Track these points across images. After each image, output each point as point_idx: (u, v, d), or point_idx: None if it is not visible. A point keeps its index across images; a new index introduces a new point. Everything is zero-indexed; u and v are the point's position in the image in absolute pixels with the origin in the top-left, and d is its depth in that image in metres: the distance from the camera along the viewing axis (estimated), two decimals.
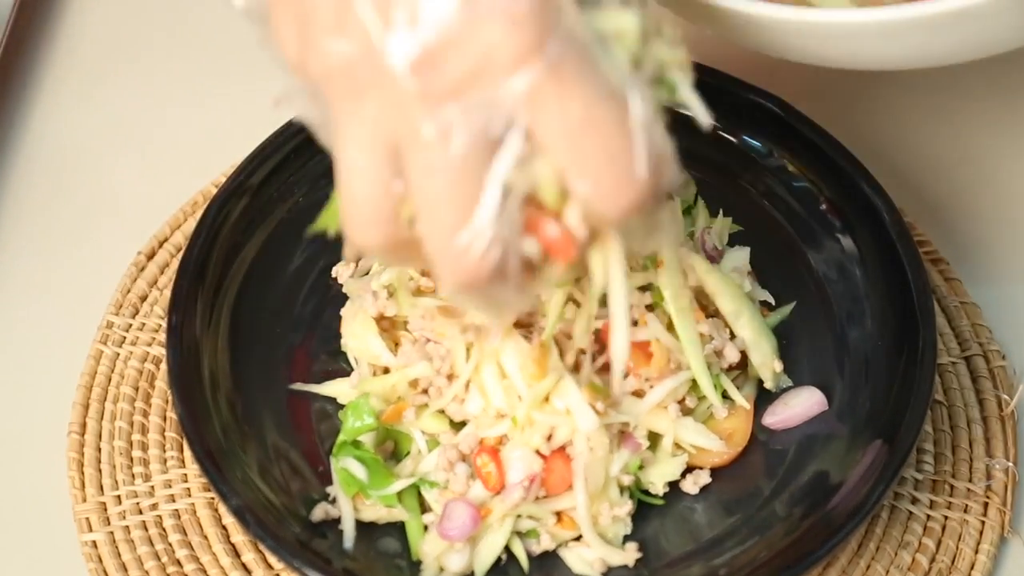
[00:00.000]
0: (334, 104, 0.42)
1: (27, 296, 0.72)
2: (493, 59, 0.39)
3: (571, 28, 0.40)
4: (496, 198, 0.40)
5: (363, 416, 0.60)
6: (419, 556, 0.58)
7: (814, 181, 0.68)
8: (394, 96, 0.40)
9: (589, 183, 0.41)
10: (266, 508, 0.57)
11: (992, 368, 0.69)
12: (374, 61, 0.40)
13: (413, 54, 0.39)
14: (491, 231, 0.41)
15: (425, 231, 0.42)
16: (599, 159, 0.40)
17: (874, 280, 0.65)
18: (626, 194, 0.41)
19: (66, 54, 0.84)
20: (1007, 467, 0.65)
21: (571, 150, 0.40)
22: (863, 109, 0.81)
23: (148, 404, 0.67)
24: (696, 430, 0.61)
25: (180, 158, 0.78)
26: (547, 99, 0.40)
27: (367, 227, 0.43)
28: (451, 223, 0.41)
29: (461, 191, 0.40)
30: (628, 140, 0.41)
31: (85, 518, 0.63)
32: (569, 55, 0.40)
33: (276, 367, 0.64)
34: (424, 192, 0.41)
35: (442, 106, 0.40)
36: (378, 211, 0.43)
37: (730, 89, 0.69)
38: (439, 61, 0.39)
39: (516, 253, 0.42)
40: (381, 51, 0.40)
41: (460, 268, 0.42)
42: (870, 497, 0.56)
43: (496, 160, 0.40)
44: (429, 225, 0.42)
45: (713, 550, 0.59)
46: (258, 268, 0.66)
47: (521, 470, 0.58)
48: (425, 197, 0.41)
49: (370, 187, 0.42)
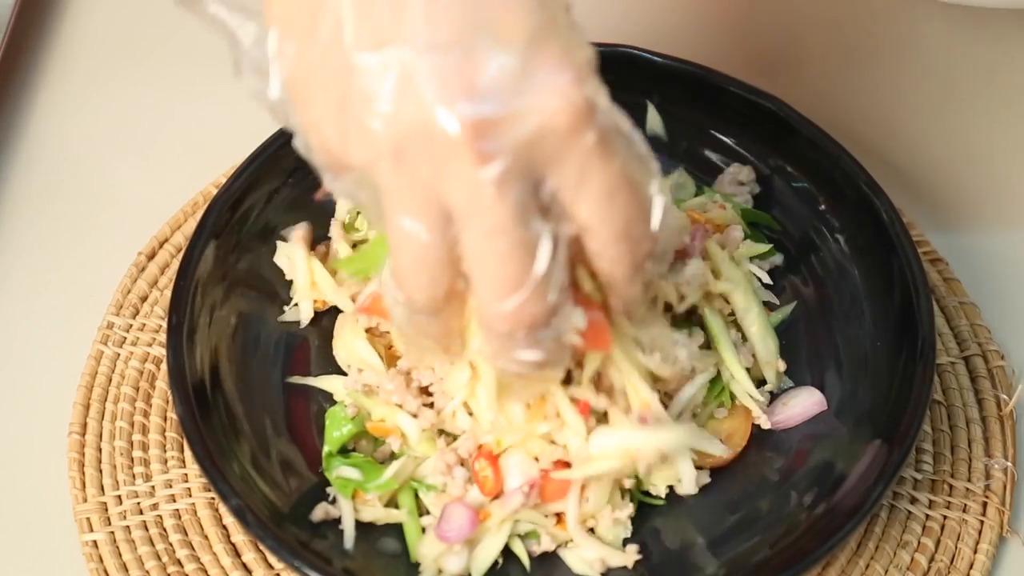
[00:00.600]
0: (383, 179, 0.43)
1: (27, 296, 0.72)
2: (552, 126, 0.42)
3: (608, 107, 0.43)
4: (548, 255, 0.43)
5: (341, 425, 0.61)
6: (417, 558, 0.58)
7: (814, 181, 0.68)
8: (451, 162, 0.42)
9: (608, 245, 0.45)
10: (266, 508, 0.57)
11: (991, 368, 0.69)
12: (428, 131, 0.41)
13: (472, 122, 0.41)
14: (545, 287, 0.43)
15: (480, 288, 0.44)
16: (623, 222, 0.44)
17: (873, 280, 0.65)
18: (637, 255, 0.45)
19: (66, 54, 0.84)
20: (1006, 467, 0.65)
21: (601, 215, 0.44)
22: (863, 110, 0.81)
23: (148, 404, 0.67)
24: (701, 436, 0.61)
25: (180, 158, 0.78)
26: (590, 167, 0.43)
27: (419, 288, 0.45)
28: (509, 280, 0.43)
29: (517, 250, 0.43)
30: (646, 205, 0.45)
31: (86, 518, 0.63)
32: (609, 125, 0.43)
33: (276, 367, 0.64)
34: (481, 252, 0.43)
35: (500, 169, 0.41)
36: (430, 272, 0.45)
37: (730, 89, 0.70)
38: (498, 127, 0.41)
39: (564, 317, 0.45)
40: (437, 121, 0.41)
41: (512, 322, 0.44)
42: (869, 497, 0.56)
43: (546, 221, 0.43)
44: (485, 282, 0.44)
45: (712, 550, 0.59)
46: (258, 269, 0.66)
47: (519, 476, 0.58)
48: (482, 256, 0.43)
49: (424, 250, 0.44)
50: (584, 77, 0.42)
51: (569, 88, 0.42)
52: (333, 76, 0.43)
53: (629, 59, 0.70)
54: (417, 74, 0.41)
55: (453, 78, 0.41)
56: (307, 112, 0.45)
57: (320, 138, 0.45)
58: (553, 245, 0.43)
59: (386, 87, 0.42)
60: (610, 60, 0.70)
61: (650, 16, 0.85)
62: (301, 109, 0.45)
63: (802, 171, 0.69)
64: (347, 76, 0.42)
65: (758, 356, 0.63)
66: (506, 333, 0.45)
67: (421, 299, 0.46)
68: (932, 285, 0.71)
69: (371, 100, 0.42)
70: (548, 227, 0.43)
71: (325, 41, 0.43)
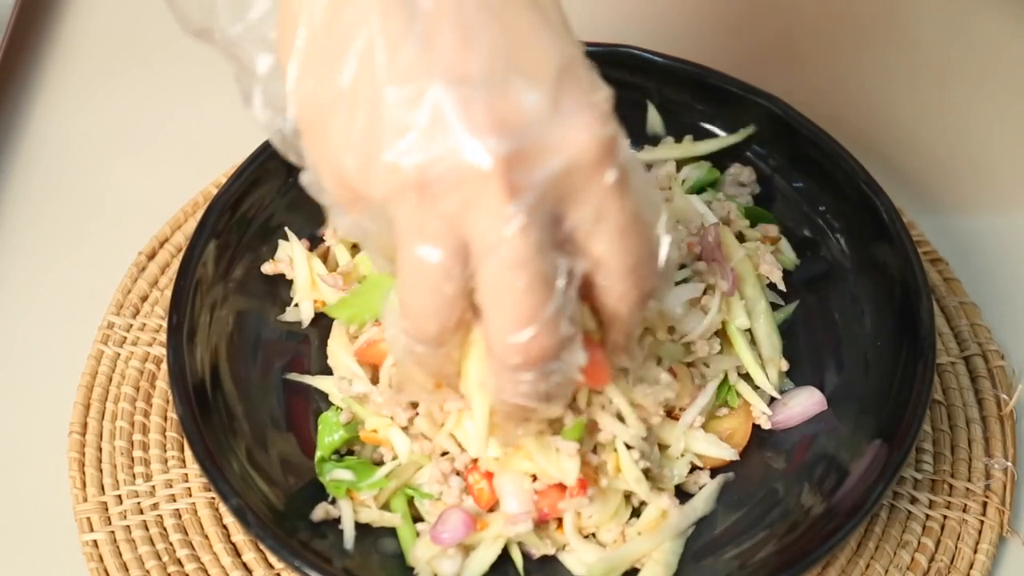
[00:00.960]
0: (404, 211, 0.43)
1: (28, 296, 0.72)
2: (580, 161, 0.42)
3: (627, 146, 0.45)
4: (564, 290, 0.44)
5: (333, 431, 0.61)
6: (411, 562, 0.58)
7: (814, 181, 0.68)
8: (480, 195, 0.42)
9: (619, 280, 0.46)
10: (266, 508, 0.57)
11: (991, 368, 0.69)
12: (458, 164, 0.42)
13: (504, 156, 0.41)
14: (558, 320, 0.44)
15: (494, 319, 0.44)
16: (633, 260, 0.45)
17: (873, 280, 0.65)
18: (643, 290, 0.47)
19: (67, 54, 0.84)
20: (1006, 467, 0.65)
21: (614, 252, 0.45)
22: (863, 109, 0.82)
23: (149, 404, 0.67)
24: (708, 440, 0.61)
25: (181, 158, 0.78)
26: (610, 204, 0.44)
27: (429, 317, 0.46)
28: (525, 313, 0.43)
29: (536, 284, 0.43)
30: (655, 244, 0.47)
31: (86, 518, 0.63)
32: (628, 163, 0.44)
33: (276, 367, 0.64)
34: (500, 284, 0.43)
35: (529, 204, 0.42)
36: (443, 302, 0.45)
37: (730, 89, 0.70)
38: (528, 161, 0.42)
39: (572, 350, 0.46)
40: (468, 155, 0.42)
41: (524, 354, 0.44)
42: (869, 496, 0.56)
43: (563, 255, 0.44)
44: (501, 314, 0.44)
45: (712, 550, 0.59)
46: (259, 269, 0.66)
47: (514, 500, 0.57)
48: (500, 289, 0.43)
49: (440, 280, 0.44)
50: (605, 116, 0.43)
51: (596, 124, 0.42)
52: (360, 108, 0.43)
53: (629, 59, 0.70)
54: (448, 108, 0.42)
55: (484, 112, 0.41)
56: (323, 144, 0.45)
57: (336, 170, 0.45)
58: (567, 280, 0.44)
59: (416, 120, 0.42)
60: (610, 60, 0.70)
61: (650, 16, 0.85)
62: (316, 141, 0.45)
63: (802, 171, 0.69)
64: (375, 109, 0.42)
65: (763, 353, 0.63)
66: (516, 365, 0.45)
67: (430, 329, 0.46)
68: (932, 285, 0.71)
69: (400, 132, 0.42)
70: (565, 262, 0.44)
71: (352, 74, 0.43)
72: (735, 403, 0.63)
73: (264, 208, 0.67)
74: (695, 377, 0.61)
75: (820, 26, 0.87)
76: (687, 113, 0.71)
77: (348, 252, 0.67)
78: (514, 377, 0.46)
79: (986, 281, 0.73)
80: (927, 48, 0.86)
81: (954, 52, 0.86)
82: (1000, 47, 0.86)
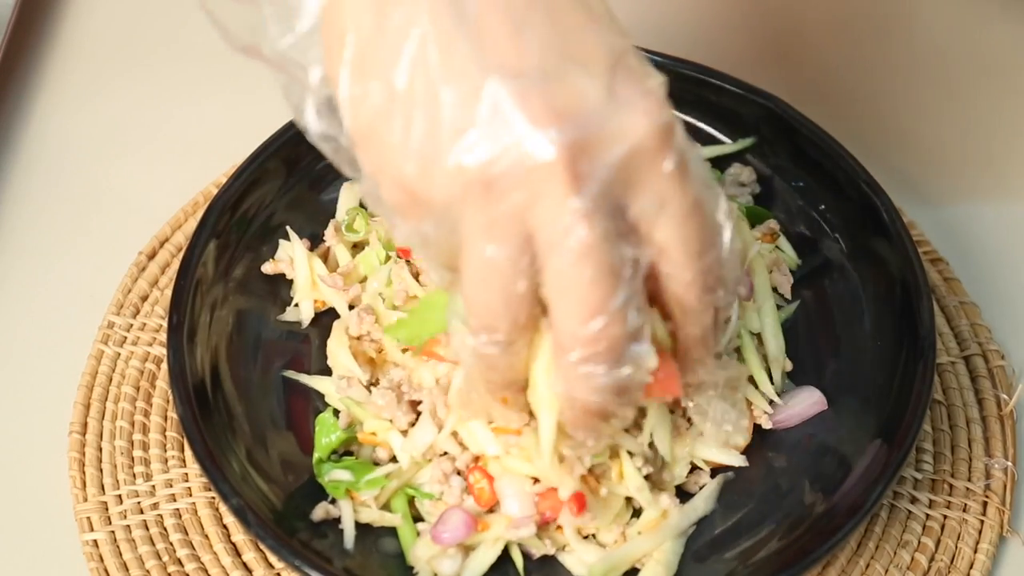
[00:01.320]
0: (470, 212, 0.43)
1: (28, 296, 0.72)
2: (641, 147, 0.42)
3: (683, 132, 0.44)
4: (631, 279, 0.43)
5: (330, 432, 0.61)
6: (411, 562, 0.58)
7: (814, 181, 0.68)
8: (545, 188, 0.42)
9: (684, 269, 0.45)
10: (267, 507, 0.57)
11: (991, 368, 0.69)
12: (522, 158, 0.42)
13: (567, 146, 0.41)
14: (626, 311, 0.44)
15: (561, 313, 0.44)
16: (697, 248, 0.45)
17: (873, 280, 0.65)
18: (709, 279, 0.46)
19: (67, 54, 0.84)
20: (1006, 466, 0.65)
21: (678, 239, 0.44)
22: (863, 109, 0.82)
23: (149, 404, 0.67)
24: (715, 446, 0.61)
25: (181, 158, 0.78)
26: (671, 191, 0.43)
27: (499, 316, 0.45)
28: (594, 303, 0.43)
29: (604, 274, 0.43)
30: (717, 231, 0.46)
31: (86, 517, 0.63)
32: (686, 150, 0.44)
33: (276, 367, 0.64)
34: (568, 276, 0.43)
35: (594, 192, 0.42)
36: (513, 299, 0.44)
37: (730, 89, 0.70)
38: (591, 150, 0.42)
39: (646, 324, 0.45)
40: (531, 148, 0.41)
41: (593, 345, 0.44)
42: (869, 496, 0.56)
43: (629, 244, 0.44)
44: (569, 306, 0.44)
45: (713, 550, 0.59)
46: (259, 268, 0.66)
47: (515, 502, 0.57)
48: (568, 281, 0.43)
49: (509, 277, 0.44)
50: (661, 102, 0.43)
51: (654, 110, 0.42)
52: (417, 111, 0.43)
53: None
54: (506, 102, 0.41)
55: (543, 104, 0.41)
56: (380, 152, 0.44)
57: (396, 177, 0.44)
58: (633, 269, 0.44)
59: (476, 117, 0.42)
60: None
61: (650, 16, 0.85)
62: (373, 149, 0.45)
63: (802, 171, 0.69)
64: (432, 110, 0.42)
65: (768, 353, 0.63)
66: (586, 357, 0.45)
67: (501, 327, 0.46)
68: (932, 285, 0.71)
69: (460, 132, 0.42)
70: (630, 251, 0.44)
71: (406, 77, 0.43)
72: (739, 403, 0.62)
73: (264, 208, 0.67)
74: None
75: (820, 26, 0.87)
76: (687, 113, 0.71)
77: (348, 252, 0.67)
78: (584, 372, 0.45)
79: (986, 281, 0.73)
80: (927, 48, 0.86)
81: (955, 52, 0.86)
82: (1001, 47, 0.86)
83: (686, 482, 0.61)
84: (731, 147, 0.70)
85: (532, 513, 0.57)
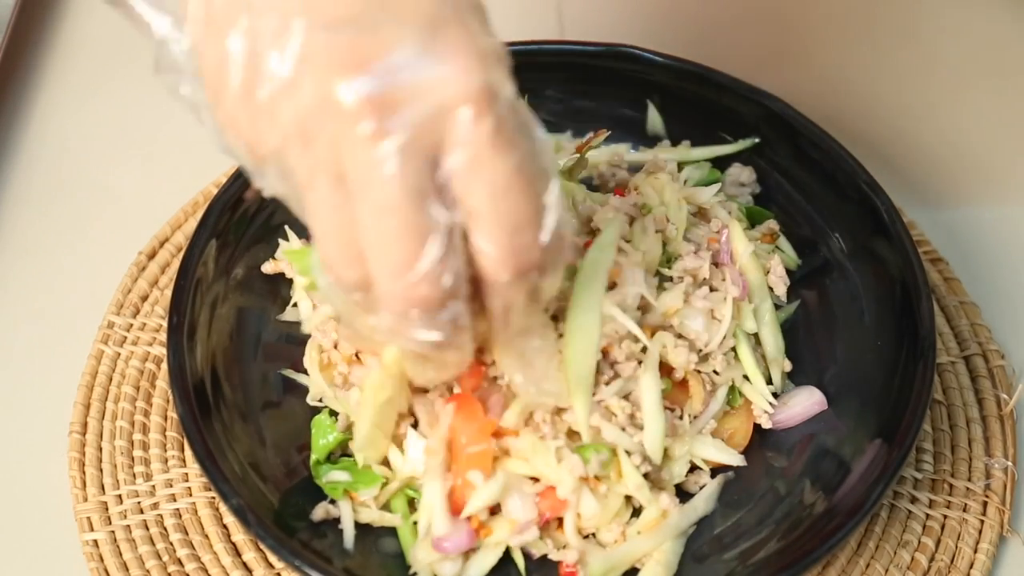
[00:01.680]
0: (294, 163, 0.43)
1: (28, 296, 0.72)
2: (449, 105, 0.42)
3: (512, 99, 0.43)
4: (442, 241, 0.43)
5: (327, 433, 0.61)
6: (411, 562, 0.58)
7: (813, 181, 0.68)
8: (348, 136, 0.42)
9: (493, 243, 0.44)
10: (266, 507, 0.57)
11: (991, 367, 0.69)
12: (327, 105, 0.42)
13: (369, 96, 0.41)
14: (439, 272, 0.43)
15: (373, 264, 0.43)
16: (511, 222, 0.44)
17: (873, 280, 0.65)
18: (522, 260, 0.45)
19: (67, 54, 0.84)
20: (1006, 466, 0.65)
21: (489, 208, 0.43)
22: (863, 109, 0.82)
23: (149, 404, 0.67)
24: (714, 446, 0.61)
25: (181, 158, 0.78)
26: (485, 153, 0.42)
27: (343, 265, 0.45)
28: (401, 260, 0.43)
29: (409, 231, 0.42)
30: (539, 213, 0.44)
31: (86, 517, 0.63)
32: (510, 119, 0.43)
33: (276, 367, 0.64)
34: (373, 229, 0.43)
35: (395, 146, 0.41)
36: (349, 248, 0.44)
37: (730, 89, 0.70)
38: (395, 104, 0.41)
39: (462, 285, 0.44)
40: (335, 95, 0.41)
41: (403, 302, 0.44)
42: (870, 496, 0.56)
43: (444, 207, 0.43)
44: (380, 261, 0.43)
45: (713, 549, 0.59)
46: (259, 268, 0.66)
47: (516, 500, 0.57)
48: (374, 233, 0.43)
49: (339, 228, 0.44)
50: (487, 64, 0.42)
51: (468, 71, 0.42)
52: (246, 63, 0.43)
53: (629, 59, 0.70)
54: (316, 51, 0.42)
55: (351, 54, 0.41)
56: (221, 106, 0.45)
57: (236, 130, 0.45)
58: (449, 231, 0.43)
59: (287, 66, 0.42)
60: (610, 60, 0.71)
61: (650, 16, 0.85)
62: (215, 103, 0.45)
63: (802, 171, 0.69)
64: (255, 62, 0.43)
65: (767, 354, 0.63)
66: (399, 312, 0.45)
67: (349, 276, 0.45)
68: (932, 285, 0.71)
69: (273, 80, 0.42)
70: (445, 213, 0.43)
71: (234, 31, 0.43)
72: (737, 402, 0.63)
73: (264, 207, 0.67)
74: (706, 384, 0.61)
75: (820, 26, 0.87)
76: (687, 113, 0.71)
77: None
78: (403, 325, 0.45)
79: (986, 281, 0.73)
80: (928, 48, 0.86)
81: (955, 52, 0.86)
82: (1002, 47, 0.86)
83: (686, 482, 0.61)
84: (731, 147, 0.70)
85: (534, 515, 0.57)
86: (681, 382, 0.61)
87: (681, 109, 0.71)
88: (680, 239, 0.63)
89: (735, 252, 0.63)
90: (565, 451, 0.56)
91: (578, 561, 0.57)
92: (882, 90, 0.83)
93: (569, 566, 0.57)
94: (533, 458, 0.57)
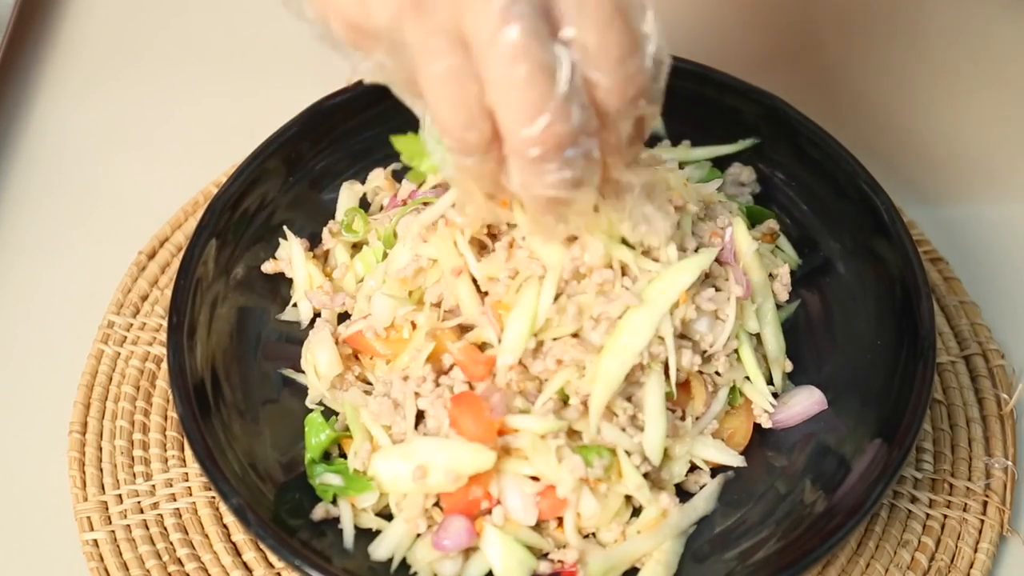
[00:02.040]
0: (409, 34, 0.45)
1: (28, 296, 0.72)
2: None
3: None
4: (568, 74, 0.44)
5: (319, 432, 0.61)
6: (411, 562, 0.58)
7: (814, 181, 0.68)
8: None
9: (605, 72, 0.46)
10: (266, 507, 0.57)
11: (991, 367, 0.69)
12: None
13: None
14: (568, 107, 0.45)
15: (506, 116, 0.45)
16: (618, 52, 0.45)
17: (873, 280, 0.65)
18: (631, 86, 0.46)
19: (67, 54, 0.84)
20: (1006, 466, 0.65)
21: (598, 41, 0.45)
22: (863, 109, 0.82)
23: (149, 403, 0.67)
24: (714, 446, 0.61)
25: (180, 158, 0.78)
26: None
27: (463, 127, 0.46)
28: (534, 103, 0.44)
29: (538, 73, 0.44)
30: (640, 41, 0.46)
31: (86, 517, 0.63)
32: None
33: (276, 366, 0.64)
34: (504, 79, 0.44)
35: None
36: (470, 108, 0.45)
37: (730, 89, 0.70)
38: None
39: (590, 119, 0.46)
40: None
41: (540, 143, 0.45)
42: (870, 496, 0.56)
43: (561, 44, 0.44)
44: (513, 108, 0.45)
45: (713, 549, 0.59)
46: (259, 268, 0.66)
47: (517, 496, 0.58)
48: (505, 83, 0.44)
49: (460, 89, 0.45)
50: None
51: None
52: None
53: None
54: None
55: None
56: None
57: (340, 15, 0.46)
58: (571, 66, 0.45)
59: None
60: None
61: None
62: None
63: (802, 171, 0.69)
64: None
65: (768, 354, 0.63)
66: (535, 157, 0.46)
67: (471, 139, 0.47)
68: (932, 284, 0.71)
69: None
70: (564, 51, 0.44)
71: None
72: (737, 402, 0.63)
73: (264, 207, 0.67)
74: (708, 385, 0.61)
75: (820, 26, 0.87)
76: (688, 113, 0.71)
77: (347, 252, 0.67)
78: (537, 169, 0.46)
79: (986, 280, 0.73)
80: (927, 48, 0.86)
81: (955, 52, 0.86)
82: (1001, 47, 0.86)
83: (686, 481, 0.61)
84: (731, 147, 0.70)
85: (534, 515, 0.57)
86: (683, 383, 0.61)
87: (682, 109, 0.71)
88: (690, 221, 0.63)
89: (739, 251, 0.63)
90: (565, 451, 0.56)
91: (578, 561, 0.57)
92: (882, 90, 0.83)
93: (569, 565, 0.57)
94: (533, 457, 0.57)
